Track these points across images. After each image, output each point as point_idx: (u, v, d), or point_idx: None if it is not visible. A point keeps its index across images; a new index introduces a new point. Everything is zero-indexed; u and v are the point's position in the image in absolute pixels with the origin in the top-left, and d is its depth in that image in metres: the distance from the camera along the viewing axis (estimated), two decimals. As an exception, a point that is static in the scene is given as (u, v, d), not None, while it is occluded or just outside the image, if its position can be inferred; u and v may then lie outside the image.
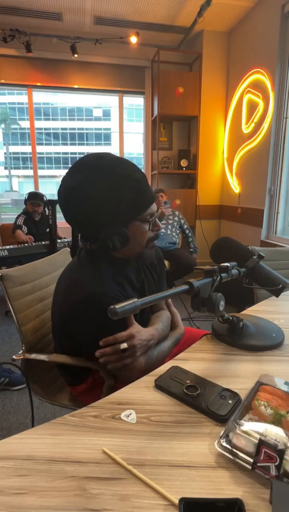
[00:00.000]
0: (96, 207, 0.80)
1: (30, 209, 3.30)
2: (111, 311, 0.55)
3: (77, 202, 0.81)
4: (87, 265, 0.88)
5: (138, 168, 0.85)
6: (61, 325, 0.91)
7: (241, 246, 0.96)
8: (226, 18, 3.42)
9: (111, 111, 21.63)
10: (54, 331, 0.99)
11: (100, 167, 0.80)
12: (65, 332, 0.91)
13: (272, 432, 0.52)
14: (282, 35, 2.82)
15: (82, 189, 0.79)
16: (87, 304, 0.80)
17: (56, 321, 0.95)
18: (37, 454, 0.52)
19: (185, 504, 0.43)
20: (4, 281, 1.03)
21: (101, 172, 0.80)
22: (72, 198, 0.81)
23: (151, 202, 0.86)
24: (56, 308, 0.94)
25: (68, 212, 0.84)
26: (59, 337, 0.98)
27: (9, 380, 1.89)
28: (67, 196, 0.82)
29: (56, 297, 0.93)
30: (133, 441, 0.55)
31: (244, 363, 0.80)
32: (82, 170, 0.81)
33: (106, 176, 0.79)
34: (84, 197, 0.79)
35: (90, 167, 0.80)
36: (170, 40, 3.87)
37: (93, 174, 0.79)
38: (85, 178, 0.79)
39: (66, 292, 0.87)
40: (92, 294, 0.80)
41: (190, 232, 3.56)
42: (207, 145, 3.93)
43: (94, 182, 0.79)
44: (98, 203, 0.79)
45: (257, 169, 3.27)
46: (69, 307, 0.82)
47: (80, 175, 0.80)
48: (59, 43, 3.55)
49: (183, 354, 0.83)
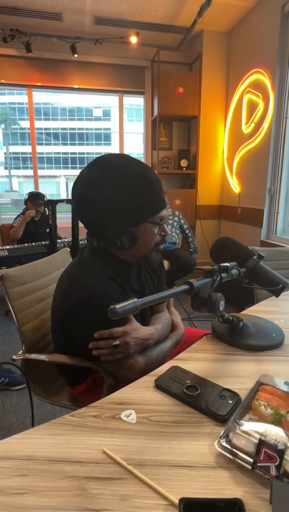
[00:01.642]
0: (110, 203, 0.80)
1: (32, 209, 3.27)
2: (112, 311, 0.55)
3: (92, 196, 0.81)
4: (88, 266, 0.88)
5: (154, 172, 0.86)
6: (60, 325, 0.91)
7: (241, 246, 0.96)
8: (226, 18, 3.42)
9: (111, 111, 21.63)
10: (53, 331, 0.99)
11: (120, 164, 0.81)
12: (64, 332, 0.91)
13: (272, 432, 0.52)
14: (282, 35, 2.82)
15: (99, 183, 0.80)
16: (85, 304, 0.80)
17: (55, 321, 0.95)
18: (37, 454, 0.52)
19: (185, 504, 0.43)
20: (4, 281, 1.03)
21: (119, 170, 0.80)
22: (88, 191, 0.81)
23: (163, 206, 0.87)
24: (55, 308, 0.94)
25: (81, 205, 0.84)
26: (58, 337, 0.98)
27: (9, 380, 1.89)
28: (84, 189, 0.82)
29: (56, 297, 0.93)
30: (133, 441, 0.55)
31: (244, 363, 0.80)
32: (101, 166, 0.82)
33: (123, 174, 0.80)
34: (100, 191, 0.80)
35: (110, 164, 0.81)
36: (170, 40, 3.87)
37: (111, 171, 0.80)
38: (103, 174, 0.80)
39: (65, 292, 0.87)
40: (91, 295, 0.80)
41: (190, 232, 3.56)
42: (207, 145, 3.93)
43: (112, 179, 0.80)
44: (113, 200, 0.80)
45: (257, 169, 3.27)
46: (68, 308, 0.82)
47: (98, 170, 0.81)
48: (59, 43, 3.55)
49: (183, 354, 0.84)
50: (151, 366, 0.81)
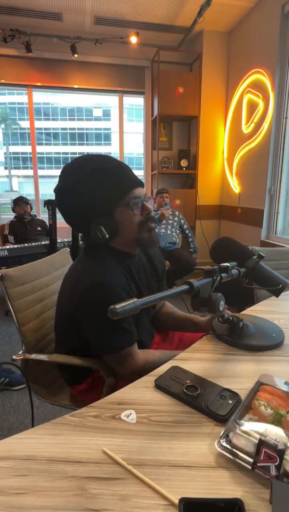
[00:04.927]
0: (79, 202, 0.87)
1: (20, 212, 3.44)
2: (112, 311, 0.55)
3: (64, 201, 0.90)
4: (91, 258, 0.91)
5: (116, 159, 0.90)
6: (68, 322, 0.92)
7: (241, 246, 0.96)
8: (226, 18, 3.42)
9: (111, 111, 21.61)
10: (57, 329, 1.00)
11: (75, 167, 0.88)
12: (71, 329, 0.92)
13: (272, 432, 0.52)
14: (282, 35, 2.82)
15: (66, 188, 0.88)
16: (94, 292, 0.81)
17: (61, 318, 0.96)
18: (37, 454, 0.52)
19: (185, 504, 0.43)
20: (4, 281, 1.03)
21: (78, 170, 0.87)
22: (60, 198, 0.90)
23: (130, 186, 0.88)
24: (61, 306, 0.95)
25: (61, 211, 0.92)
26: (63, 334, 0.98)
27: (9, 380, 1.89)
28: (57, 198, 0.90)
29: (62, 294, 0.94)
30: (133, 441, 0.55)
31: (244, 363, 0.80)
32: (62, 173, 0.89)
33: (83, 172, 0.86)
34: (68, 195, 0.88)
35: (70, 168, 0.89)
36: (170, 40, 3.87)
37: (72, 173, 0.88)
38: (65, 180, 0.88)
39: (73, 286, 0.88)
40: (98, 282, 0.82)
41: (190, 232, 3.56)
42: (207, 145, 3.93)
43: (74, 180, 0.87)
44: (80, 198, 0.86)
45: (257, 169, 3.27)
46: (77, 298, 0.84)
47: (62, 177, 0.89)
48: (59, 43, 3.55)
49: (183, 354, 0.83)
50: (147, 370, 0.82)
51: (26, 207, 3.44)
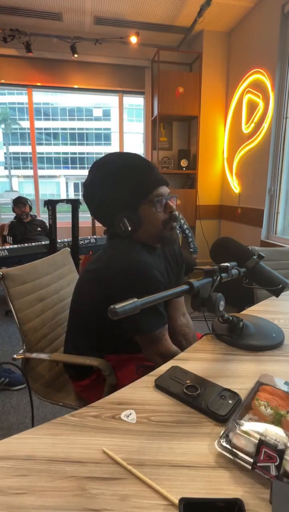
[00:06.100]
0: (106, 195, 0.91)
1: (18, 212, 3.46)
2: (112, 311, 0.55)
3: (90, 196, 0.95)
4: (118, 245, 0.93)
5: (144, 159, 0.94)
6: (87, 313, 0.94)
7: (241, 246, 0.96)
8: (226, 18, 3.42)
9: (111, 111, 21.59)
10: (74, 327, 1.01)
11: (106, 162, 0.93)
12: (91, 318, 0.93)
13: (272, 432, 0.52)
14: (282, 35, 2.82)
15: (93, 183, 0.93)
16: (130, 272, 0.83)
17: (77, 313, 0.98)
18: (37, 454, 0.52)
19: (185, 504, 0.43)
20: (5, 281, 1.03)
21: (106, 167, 0.92)
22: (87, 193, 0.95)
23: (155, 184, 0.91)
24: (79, 298, 0.98)
25: (88, 206, 0.97)
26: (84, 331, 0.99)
27: (9, 380, 1.89)
28: (84, 192, 0.96)
29: (82, 287, 0.97)
30: (133, 441, 0.55)
31: (244, 363, 0.80)
32: (93, 168, 0.94)
33: (110, 169, 0.91)
34: (95, 190, 0.93)
35: (98, 164, 0.93)
36: (170, 40, 3.87)
37: (100, 169, 0.92)
38: (94, 174, 0.93)
39: (100, 272, 0.90)
40: (135, 263, 0.84)
41: (190, 232, 3.56)
42: (207, 145, 3.93)
43: (102, 176, 0.91)
44: (106, 194, 0.91)
45: (257, 169, 3.27)
46: (110, 279, 0.85)
47: (91, 172, 0.94)
48: (59, 43, 3.55)
49: (183, 354, 0.84)
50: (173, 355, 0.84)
51: (24, 207, 3.46)
